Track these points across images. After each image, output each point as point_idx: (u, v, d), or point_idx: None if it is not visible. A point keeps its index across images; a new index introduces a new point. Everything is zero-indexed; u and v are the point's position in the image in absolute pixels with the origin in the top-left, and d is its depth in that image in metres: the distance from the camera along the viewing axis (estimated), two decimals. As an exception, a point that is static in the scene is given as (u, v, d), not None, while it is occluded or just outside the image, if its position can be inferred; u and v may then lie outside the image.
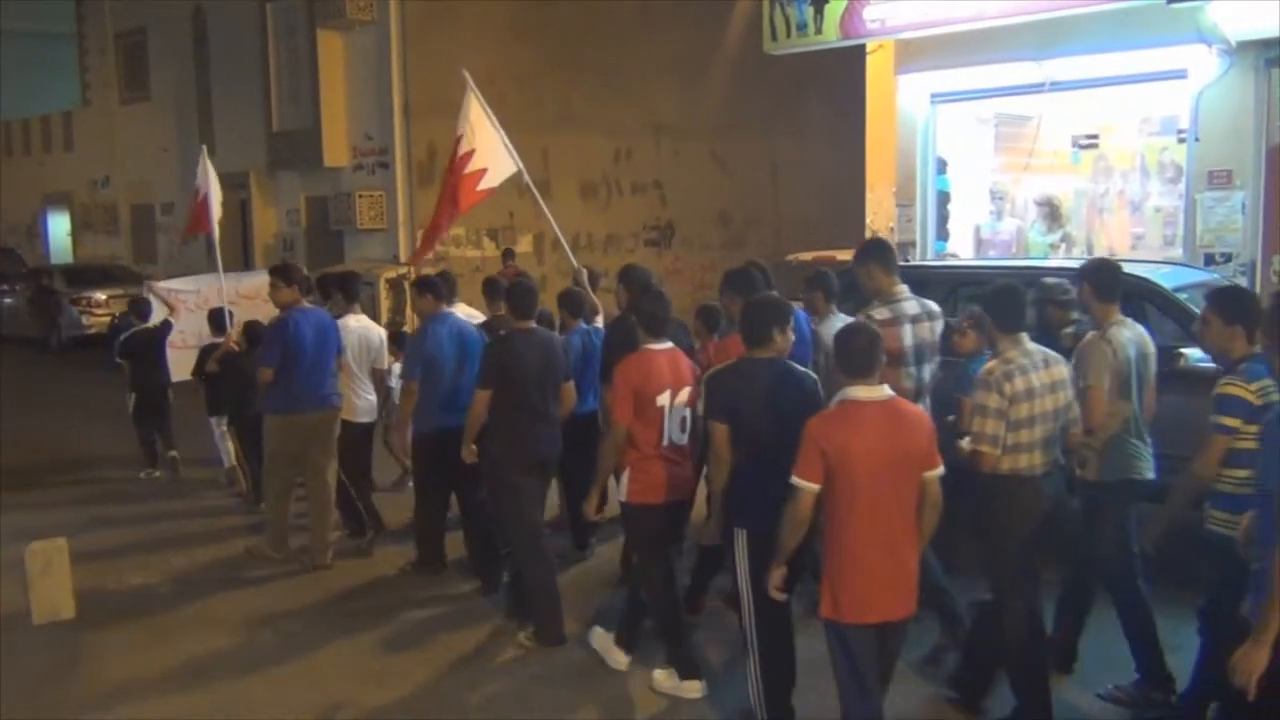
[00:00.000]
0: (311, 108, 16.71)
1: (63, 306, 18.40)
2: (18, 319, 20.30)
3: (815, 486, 3.91)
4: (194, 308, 9.62)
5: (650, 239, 18.69)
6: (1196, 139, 9.62)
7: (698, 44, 18.12)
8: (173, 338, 9.54)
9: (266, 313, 8.46)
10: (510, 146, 7.85)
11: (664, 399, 5.04)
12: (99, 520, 8.38)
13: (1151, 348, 4.99)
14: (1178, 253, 9.84)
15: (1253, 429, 3.89)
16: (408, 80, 15.90)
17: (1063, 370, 4.63)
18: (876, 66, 11.68)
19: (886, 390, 4.03)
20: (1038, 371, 4.50)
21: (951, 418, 5.23)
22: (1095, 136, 10.61)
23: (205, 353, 8.98)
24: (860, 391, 3.96)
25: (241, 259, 18.31)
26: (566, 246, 8.37)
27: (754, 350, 4.60)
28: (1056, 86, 10.31)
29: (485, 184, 7.79)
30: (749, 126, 19.04)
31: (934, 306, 5.42)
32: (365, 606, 6.51)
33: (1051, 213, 11.02)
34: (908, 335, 5.20)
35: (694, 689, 5.13)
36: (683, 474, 5.21)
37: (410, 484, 7.76)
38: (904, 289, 5.33)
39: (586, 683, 5.36)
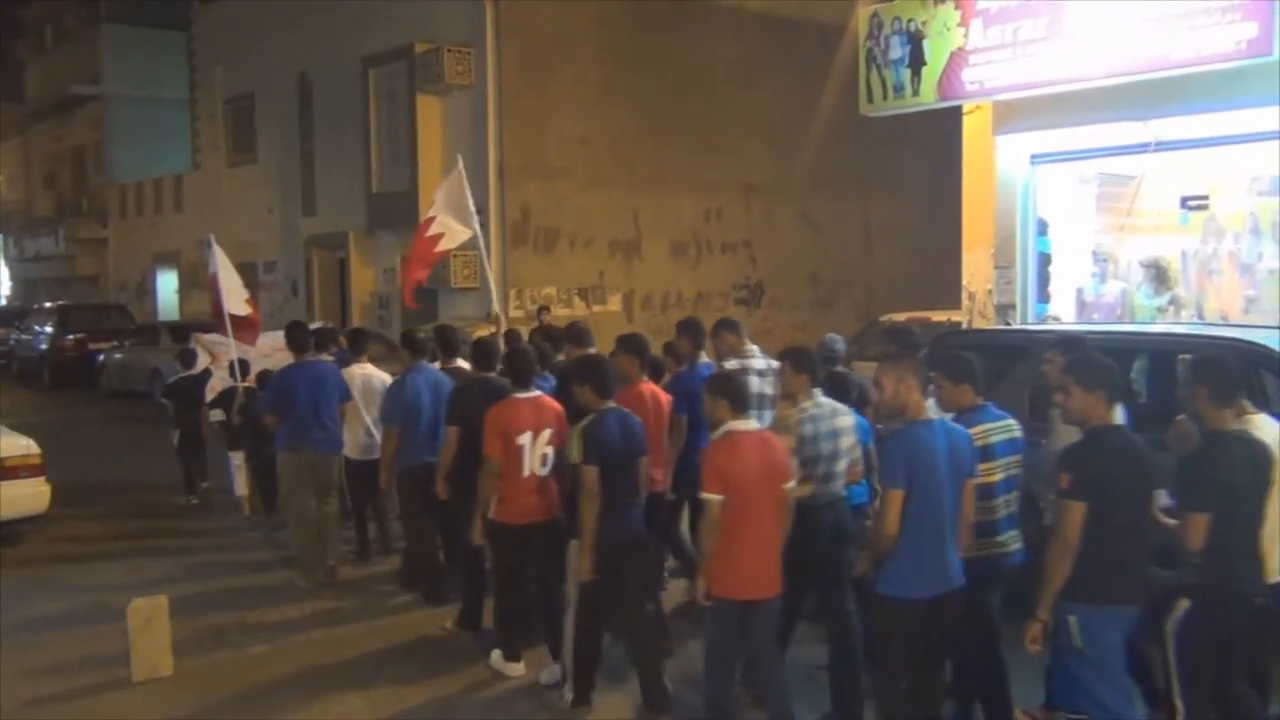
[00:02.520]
0: (409, 170, 17.13)
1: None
2: (125, 373, 20.97)
3: (721, 497, 4.83)
4: (234, 357, 10.53)
5: (740, 298, 18.65)
6: (1312, 199, 9.28)
7: (789, 104, 18.16)
8: (213, 382, 10.74)
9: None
10: (475, 214, 9.78)
11: (524, 439, 5.90)
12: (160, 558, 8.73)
13: None
14: (1294, 317, 9.42)
15: (985, 465, 4.86)
16: (503, 143, 16.20)
17: (849, 419, 5.55)
18: (974, 127, 11.49)
19: (755, 423, 5.12)
20: (826, 420, 5.40)
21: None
22: (1205, 197, 10.26)
23: (221, 395, 10.39)
24: (740, 424, 4.98)
25: (339, 316, 18.73)
26: (495, 300, 10.18)
27: (606, 401, 5.54)
28: (1163, 146, 10.01)
29: (441, 246, 9.96)
30: (841, 186, 18.97)
31: (776, 365, 6.15)
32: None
33: (1159, 275, 10.65)
34: (754, 385, 6.25)
35: (516, 670, 6.15)
36: (542, 501, 6.04)
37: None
38: (754, 349, 6.69)
39: None
